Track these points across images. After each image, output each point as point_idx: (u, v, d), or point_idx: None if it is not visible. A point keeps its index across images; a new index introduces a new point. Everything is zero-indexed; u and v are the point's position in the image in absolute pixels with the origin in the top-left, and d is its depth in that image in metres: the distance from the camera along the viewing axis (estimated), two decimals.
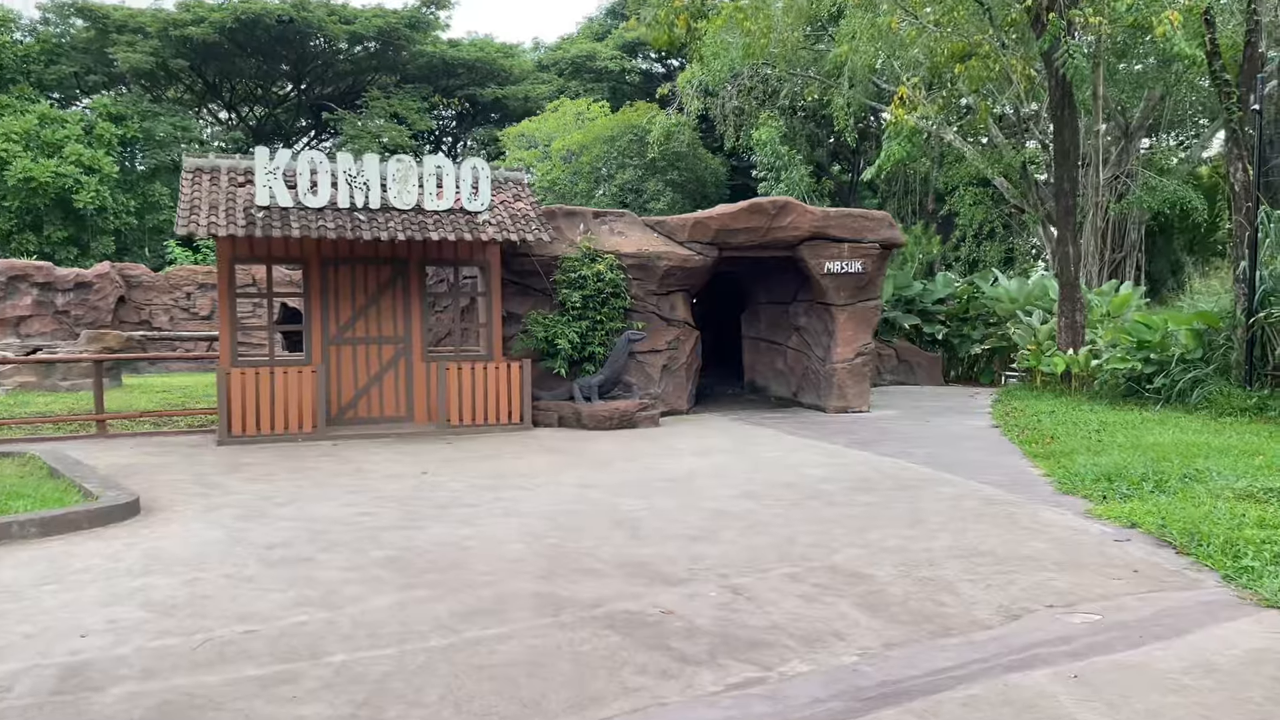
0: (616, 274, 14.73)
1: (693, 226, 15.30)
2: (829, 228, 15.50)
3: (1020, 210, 32.26)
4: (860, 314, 16.03)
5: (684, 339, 15.73)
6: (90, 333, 18.63)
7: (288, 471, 10.40)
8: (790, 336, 17.36)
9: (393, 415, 14.27)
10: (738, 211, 15.23)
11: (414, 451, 11.86)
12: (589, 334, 14.74)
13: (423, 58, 42.82)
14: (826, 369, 16.03)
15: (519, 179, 15.05)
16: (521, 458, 11.27)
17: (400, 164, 13.15)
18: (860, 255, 15.67)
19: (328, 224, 12.64)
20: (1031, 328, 20.40)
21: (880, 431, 13.39)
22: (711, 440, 12.54)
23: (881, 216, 15.93)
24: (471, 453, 11.72)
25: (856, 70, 25.87)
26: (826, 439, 12.58)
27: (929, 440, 12.37)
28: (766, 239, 15.44)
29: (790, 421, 14.71)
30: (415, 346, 14.31)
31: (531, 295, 15.14)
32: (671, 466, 10.45)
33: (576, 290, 14.60)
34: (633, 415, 13.99)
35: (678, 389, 15.65)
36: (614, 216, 15.77)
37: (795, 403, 17.16)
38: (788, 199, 15.35)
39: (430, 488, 9.37)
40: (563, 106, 38.37)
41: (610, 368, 14.44)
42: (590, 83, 42.07)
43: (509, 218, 13.79)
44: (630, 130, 34.36)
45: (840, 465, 10.37)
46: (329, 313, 13.88)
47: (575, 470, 10.31)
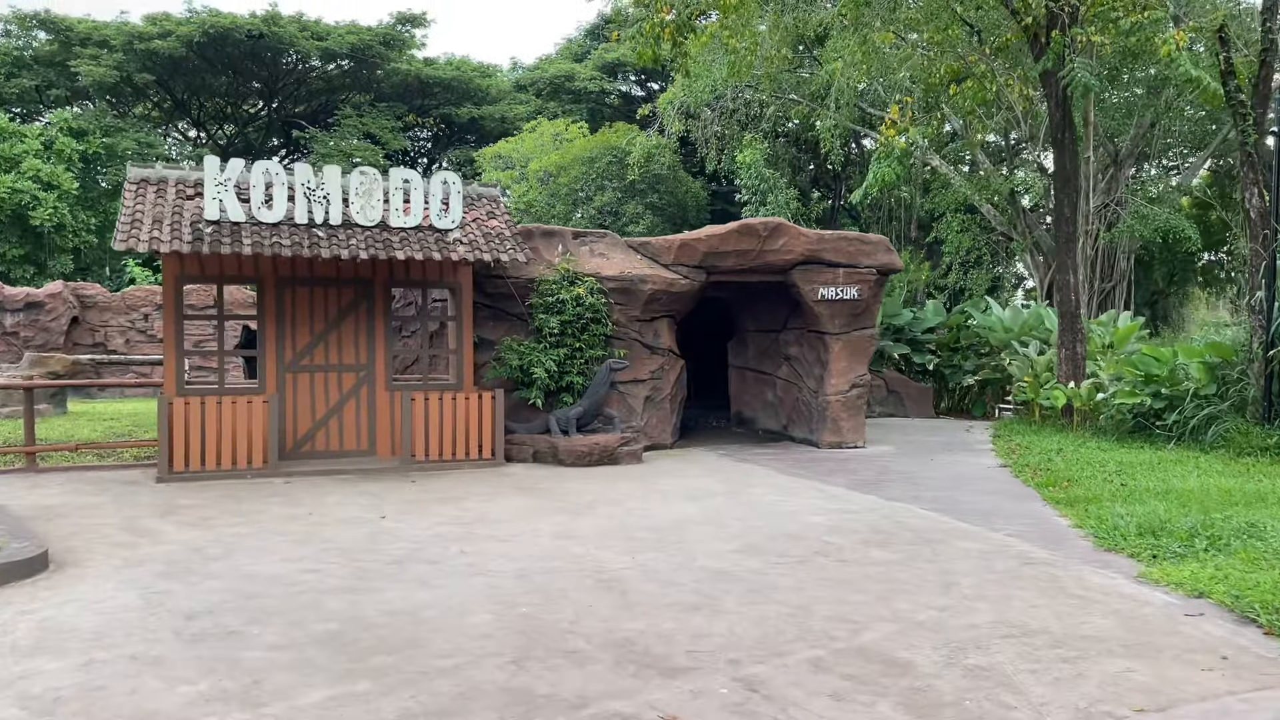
0: (597, 298, 13.74)
1: (679, 248, 14.35)
2: (823, 251, 14.59)
3: (1008, 238, 31.66)
4: (855, 343, 15.11)
5: (668, 368, 14.75)
6: (33, 355, 17.40)
7: (230, 516, 9.27)
8: (780, 366, 16.41)
9: (354, 449, 13.15)
10: (727, 233, 14.30)
11: (374, 491, 10.75)
12: (567, 362, 13.72)
13: (397, 76, 41.86)
14: (819, 401, 15.08)
15: (493, 195, 14.06)
16: (492, 500, 10.19)
17: (364, 177, 12.12)
18: (856, 281, 14.77)
19: (283, 240, 11.57)
20: (1029, 359, 19.59)
21: (881, 471, 12.42)
22: (700, 480, 11.52)
23: (878, 240, 15.05)
24: (437, 493, 10.64)
25: (843, 92, 25.14)
26: (824, 479, 11.60)
27: (936, 482, 11.41)
28: (757, 262, 14.51)
29: (783, 458, 13.72)
30: (379, 375, 13.23)
31: (506, 320, 14.11)
32: (659, 512, 9.41)
33: (554, 315, 13.59)
34: (614, 450, 12.96)
35: (662, 421, 14.64)
36: (595, 237, 14.80)
37: (785, 436, 16.19)
38: (780, 220, 14.44)
39: (388, 537, 8.28)
40: (540, 127, 37.49)
41: (590, 399, 13.42)
42: (569, 104, 41.23)
43: (482, 236, 12.78)
44: (609, 152, 33.52)
45: (846, 512, 9.37)
46: (285, 337, 12.79)
47: (552, 516, 9.25)
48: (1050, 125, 18.48)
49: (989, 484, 11.29)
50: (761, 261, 14.50)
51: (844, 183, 40.63)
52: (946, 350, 22.80)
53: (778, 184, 26.83)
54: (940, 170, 30.22)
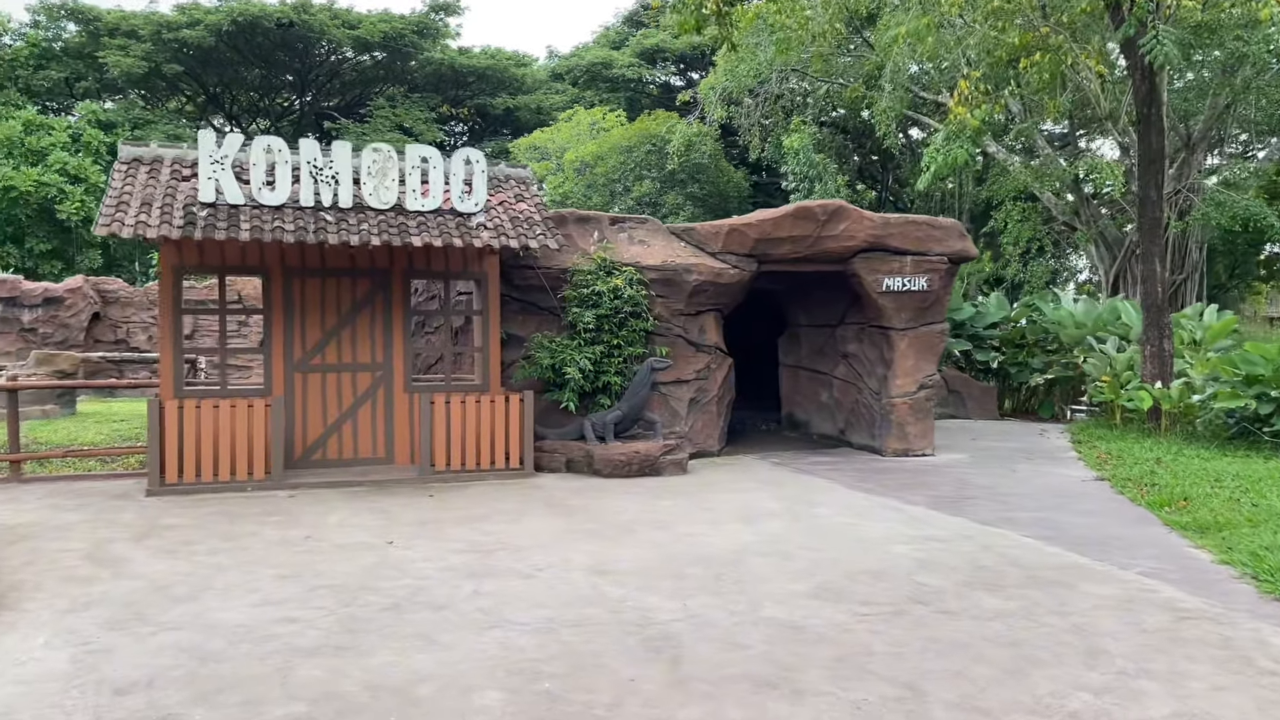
0: (637, 290, 12.38)
1: (727, 235, 12.94)
2: (889, 237, 13.11)
3: (1071, 228, 29.88)
4: (923, 339, 13.61)
5: (715, 367, 13.35)
6: (40, 353, 16.39)
7: (215, 540, 8.02)
8: (837, 365, 14.94)
9: (369, 457, 11.91)
10: (782, 217, 12.86)
11: (385, 508, 9.47)
12: (604, 361, 12.37)
13: (430, 66, 40.79)
14: (883, 404, 13.60)
15: (522, 177, 12.73)
16: (518, 520, 8.86)
17: (377, 155, 10.84)
18: (925, 270, 13.27)
19: (286, 225, 10.33)
20: (1107, 356, 17.92)
21: (959, 484, 10.93)
22: (755, 496, 10.11)
23: (950, 225, 13.53)
24: (456, 510, 9.33)
25: (899, 71, 23.55)
26: (898, 495, 10.14)
27: (1028, 499, 9.92)
28: (814, 250, 13.06)
29: (844, 468, 12.27)
30: (397, 374, 11.97)
31: (536, 315, 12.79)
32: (711, 539, 8.02)
33: (589, 309, 12.24)
34: (656, 459, 11.59)
35: (708, 426, 13.25)
36: (634, 223, 13.43)
37: (843, 442, 14.72)
38: (840, 202, 12.97)
39: (392, 570, 6.98)
40: (577, 116, 36.26)
41: (629, 401, 12.06)
42: (606, 92, 39.92)
43: (508, 221, 11.46)
44: (648, 140, 32.20)
45: (934, 540, 7.92)
46: (293, 334, 11.57)
47: (586, 542, 7.90)
48: (1135, 99, 16.81)
49: (1090, 502, 9.77)
50: (819, 249, 13.05)
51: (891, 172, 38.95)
52: (1011, 347, 21.15)
53: (827, 170, 25.29)
54: (997, 157, 28.53)
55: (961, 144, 16.14)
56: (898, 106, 25.28)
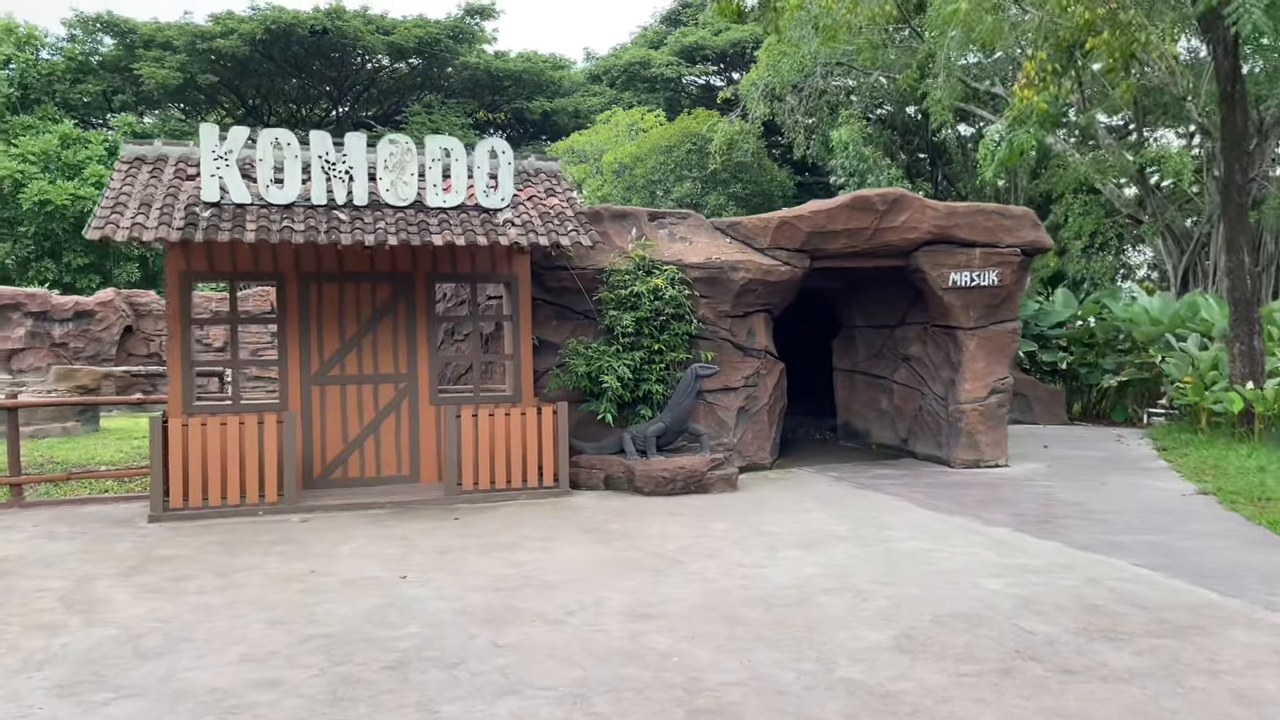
0: (679, 290, 11.38)
1: (777, 229, 11.89)
2: (955, 228, 11.97)
3: (1135, 221, 28.37)
4: (994, 339, 12.44)
5: (765, 373, 12.30)
6: (60, 368, 15.78)
7: (210, 575, 7.14)
8: (897, 369, 13.80)
9: (393, 475, 11.03)
10: (837, 208, 11.78)
11: (404, 534, 8.54)
12: (644, 368, 11.38)
13: (466, 71, 40.17)
14: (951, 411, 12.44)
15: (553, 170, 11.79)
16: (549, 548, 7.89)
17: (394, 147, 9.95)
18: (996, 263, 12.11)
19: (295, 225, 9.47)
20: (1188, 355, 16.58)
21: (1044, 500, 9.77)
22: (815, 517, 9.04)
23: (1022, 213, 12.35)
24: (482, 536, 8.38)
25: (953, 57, 22.28)
26: (976, 514, 9.02)
27: (1127, 518, 8.75)
28: (872, 243, 11.97)
29: (912, 482, 11.15)
30: (422, 386, 11.08)
31: (571, 319, 11.84)
32: (768, 571, 6.98)
33: (627, 312, 11.27)
34: (702, 475, 10.57)
35: (758, 437, 12.19)
36: (675, 219, 12.43)
37: (905, 452, 13.58)
38: (901, 191, 11.86)
39: (399, 615, 6.03)
40: (615, 117, 35.40)
41: (672, 412, 11.05)
42: (644, 93, 38.99)
43: (538, 217, 10.52)
44: (689, 140, 31.21)
45: (1029, 571, 6.81)
46: (310, 343, 10.73)
47: (625, 576, 6.90)
48: (1217, 76, 15.49)
49: (1199, 521, 8.58)
50: (878, 242, 11.95)
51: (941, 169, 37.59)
52: (1079, 346, 19.82)
53: (878, 164, 24.09)
54: (1055, 148, 27.13)
55: (1028, 129, 14.98)
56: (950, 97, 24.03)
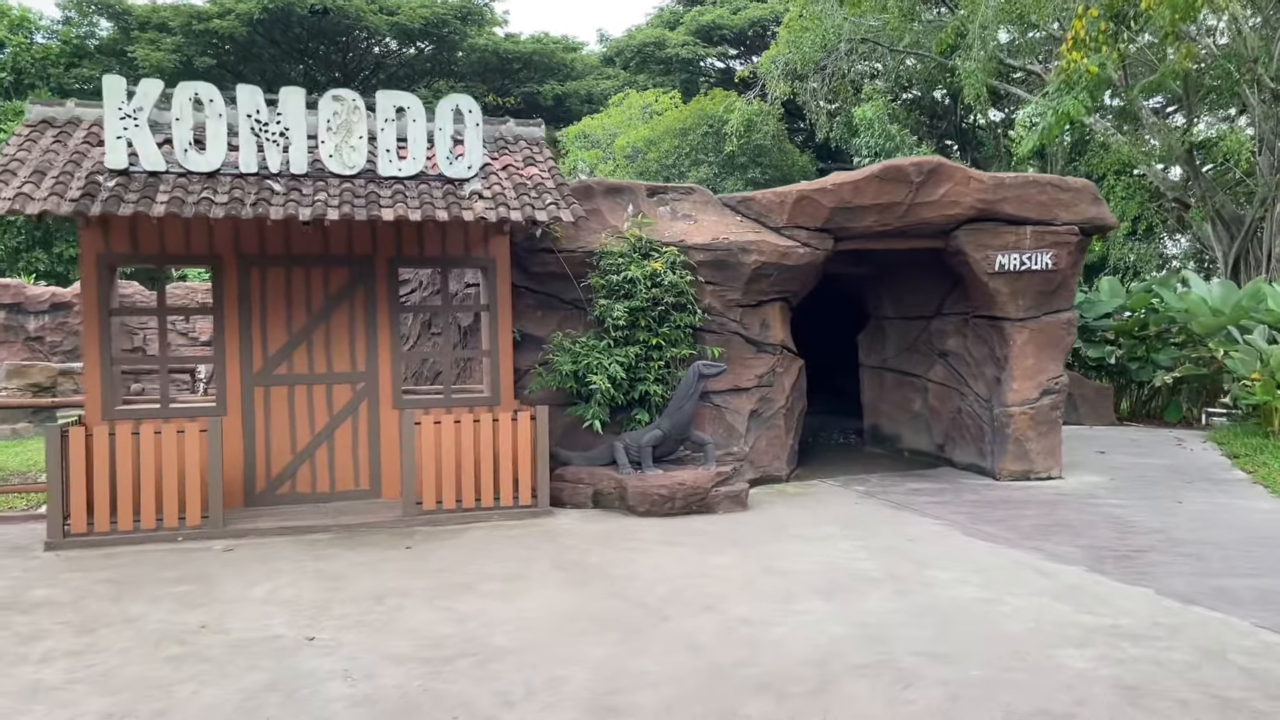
0: (681, 276, 9.80)
1: (795, 205, 10.28)
2: (1003, 202, 10.30)
3: (1183, 205, 26.52)
4: (1046, 332, 10.78)
5: (782, 371, 10.70)
6: (12, 365, 14.41)
7: (68, 634, 5.64)
8: (932, 366, 12.16)
9: (349, 490, 9.52)
10: (864, 180, 10.14)
11: (340, 569, 7.02)
12: (639, 366, 9.82)
13: (476, 53, 38.64)
14: (997, 414, 10.80)
15: (535, 137, 10.21)
16: (509, 592, 6.34)
17: (339, 105, 8.40)
18: (1050, 244, 10.44)
19: (217, 197, 7.95)
20: (1256, 350, 14.80)
21: (1116, 525, 8.12)
22: (840, 548, 7.44)
23: (1082, 186, 10.66)
24: (432, 572, 6.85)
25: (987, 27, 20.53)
26: (1038, 545, 7.39)
27: (1225, 550, 7.10)
28: (905, 221, 10.34)
29: (953, 500, 9.52)
30: (384, 386, 9.57)
31: (558, 310, 10.30)
32: (780, 631, 5.40)
33: (620, 300, 9.70)
34: (706, 493, 8.99)
35: (774, 445, 10.60)
36: (678, 194, 10.83)
37: (942, 460, 11.94)
38: (939, 159, 10.20)
39: (279, 706, 4.50)
40: (628, 100, 33.81)
41: (671, 417, 9.47)
42: (659, 75, 37.34)
43: (512, 189, 8.95)
44: (705, 121, 29.60)
45: (1123, 635, 5.20)
46: (252, 337, 9.23)
47: (595, 639, 5.35)
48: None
49: None
50: (912, 220, 10.31)
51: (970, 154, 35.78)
52: (1129, 340, 18.05)
53: (906, 142, 22.37)
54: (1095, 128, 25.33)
55: (1076, 95, 13.28)
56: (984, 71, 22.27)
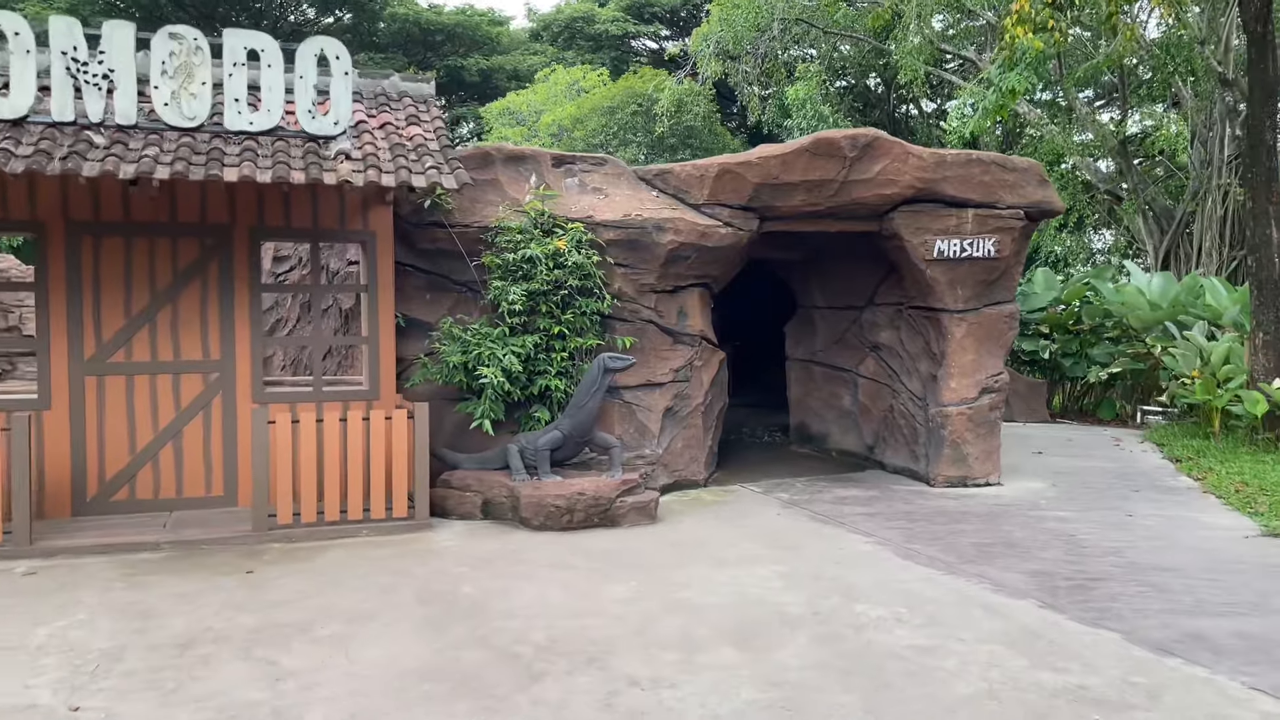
0: (587, 256, 8.68)
1: (717, 180, 9.21)
2: (942, 181, 9.36)
3: (1115, 198, 26.23)
4: (987, 325, 9.91)
5: (701, 364, 9.66)
6: None
7: None
8: (863, 360, 11.23)
9: (200, 496, 8.23)
10: (793, 154, 9.11)
11: (153, 602, 5.76)
12: (539, 357, 8.68)
13: (397, 23, 36.92)
14: (932, 414, 9.90)
15: (423, 94, 8.95)
16: (352, 638, 5.17)
17: (178, 45, 7.07)
18: (993, 229, 9.55)
19: (19, 149, 6.59)
20: (1196, 346, 14.23)
21: (1066, 545, 7.24)
22: (759, 574, 6.40)
23: (1028, 166, 9.77)
24: (266, 608, 5.64)
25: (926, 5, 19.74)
26: (983, 572, 6.45)
27: (1191, 579, 6.23)
28: (838, 200, 9.34)
29: (885, 510, 8.56)
30: (242, 377, 8.28)
31: (450, 292, 9.10)
32: (680, 695, 4.33)
33: (518, 283, 8.54)
34: (610, 504, 7.89)
35: (691, 447, 9.55)
36: (589, 165, 9.68)
37: (872, 461, 11.03)
38: (876, 132, 9.21)
39: None
40: (554, 76, 32.55)
41: (573, 416, 8.34)
42: (589, 52, 36.11)
43: (387, 149, 7.71)
44: (634, 100, 28.56)
45: (1094, 701, 4.25)
46: (83, 319, 7.88)
47: (446, 708, 4.22)
48: (1243, 15, 13.04)
49: None
50: (845, 199, 9.32)
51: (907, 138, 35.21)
52: (1064, 334, 17.44)
53: (839, 125, 21.51)
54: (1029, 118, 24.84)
55: (1020, 72, 12.49)
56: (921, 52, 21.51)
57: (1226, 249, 24.53)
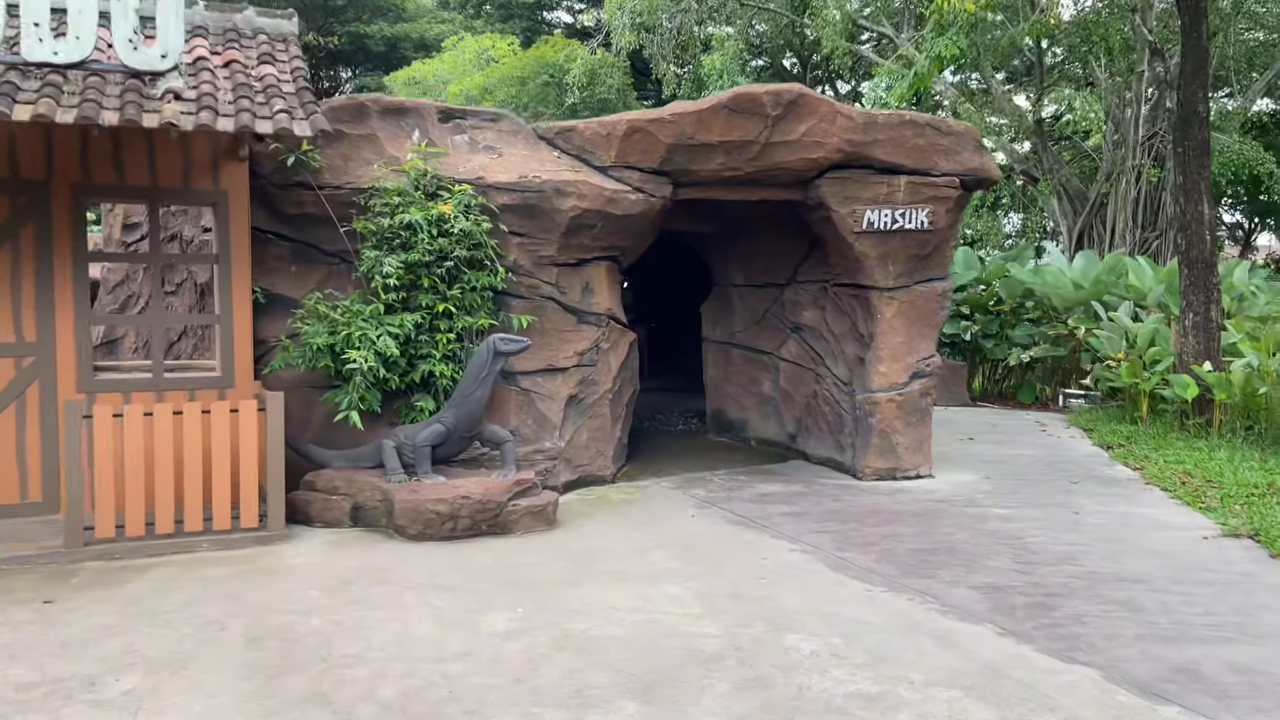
0: (477, 222, 7.56)
1: (625, 139, 8.16)
2: (873, 145, 8.47)
3: (1031, 179, 26.05)
4: (919, 305, 9.09)
5: (609, 346, 8.64)
6: None
7: None
8: (785, 342, 10.35)
9: (12, 504, 6.91)
10: (710, 110, 8.10)
11: None
12: (421, 339, 7.55)
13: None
14: (860, 401, 9.06)
15: (282, 32, 7.69)
16: (152, 696, 4.03)
17: None
18: (928, 198, 8.72)
19: None
20: (1122, 327, 13.76)
21: (1017, 550, 6.44)
22: (669, 593, 5.43)
23: (965, 130, 8.95)
24: (46, 658, 4.45)
25: None
26: (926, 587, 5.59)
27: (1161, 592, 5.47)
28: (760, 164, 8.39)
29: (810, 508, 7.68)
30: (64, 363, 6.98)
31: (320, 264, 7.90)
32: None
33: (395, 252, 7.39)
34: (500, 508, 6.83)
35: (597, 438, 8.54)
36: (481, 120, 8.53)
37: (794, 451, 10.18)
38: (801, 89, 8.26)
39: None
40: (462, 44, 31.13)
41: (459, 407, 7.24)
42: (499, 21, 34.68)
43: (229, 90, 6.48)
44: (545, 70, 27.41)
45: None
46: None
47: None
48: None
49: (1273, 596, 5.39)
50: (768, 163, 8.38)
51: None
52: (984, 315, 16.91)
53: None
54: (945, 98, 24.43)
55: (950, 36, 11.74)
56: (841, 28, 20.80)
57: (1139, 230, 24.52)
